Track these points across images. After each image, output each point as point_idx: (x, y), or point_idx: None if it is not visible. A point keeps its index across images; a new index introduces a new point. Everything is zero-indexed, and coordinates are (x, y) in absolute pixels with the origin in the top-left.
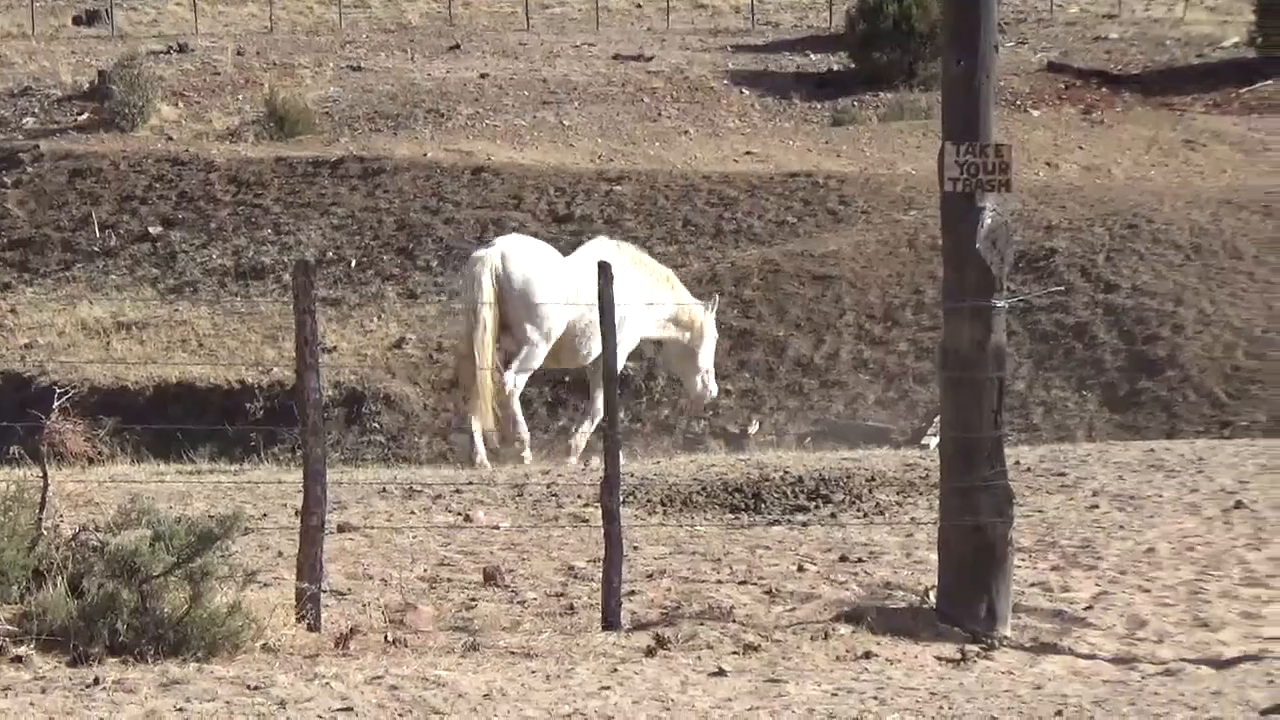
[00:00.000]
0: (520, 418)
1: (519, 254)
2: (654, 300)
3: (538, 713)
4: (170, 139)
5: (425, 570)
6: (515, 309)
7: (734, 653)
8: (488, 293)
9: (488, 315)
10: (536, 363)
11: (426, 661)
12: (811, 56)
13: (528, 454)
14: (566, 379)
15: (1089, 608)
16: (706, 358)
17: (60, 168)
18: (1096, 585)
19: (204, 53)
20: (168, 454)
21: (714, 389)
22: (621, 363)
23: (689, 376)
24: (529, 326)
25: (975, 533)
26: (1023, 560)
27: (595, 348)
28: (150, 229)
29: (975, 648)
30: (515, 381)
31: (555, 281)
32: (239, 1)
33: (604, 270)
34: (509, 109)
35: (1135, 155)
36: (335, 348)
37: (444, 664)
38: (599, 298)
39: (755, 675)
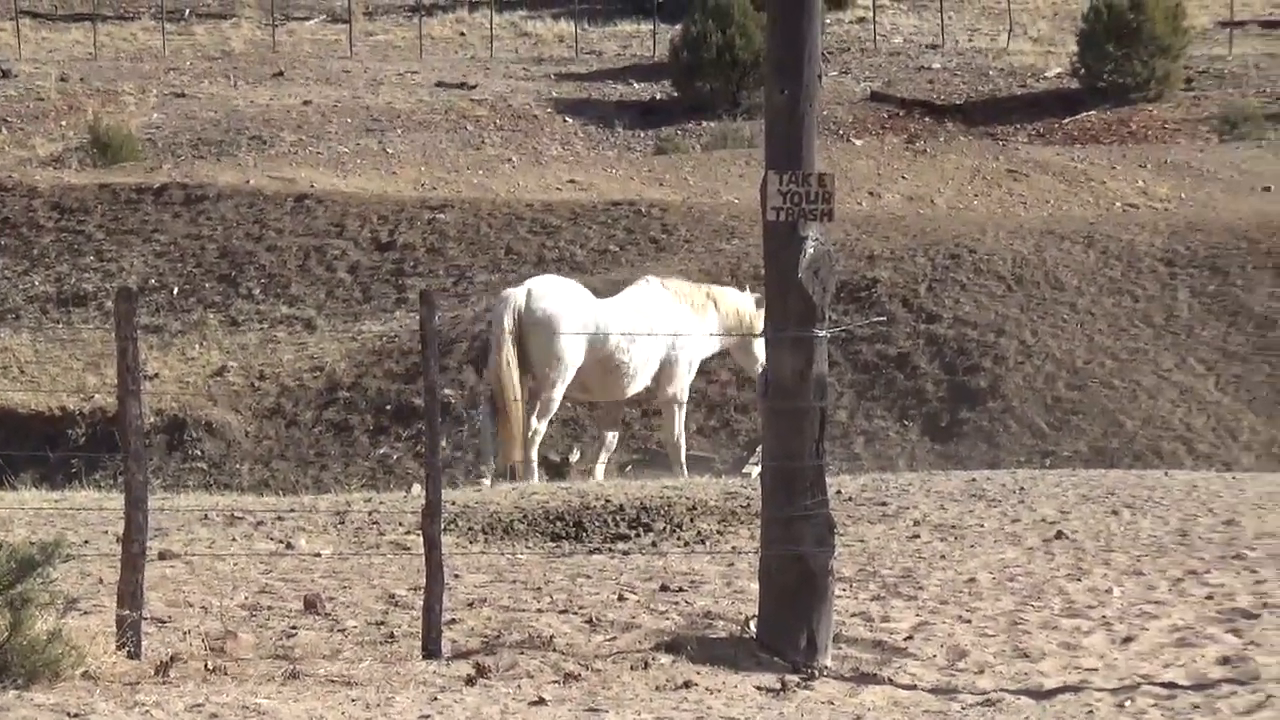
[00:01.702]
0: (534, 465)
1: (544, 293)
2: (700, 327)
3: None
4: None
5: (246, 598)
6: (534, 348)
7: (554, 682)
8: (509, 330)
9: (510, 352)
10: (554, 406)
11: (246, 690)
12: (635, 85)
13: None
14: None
15: (910, 638)
16: (762, 347)
17: None
18: (917, 615)
19: (27, 78)
20: None
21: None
22: (687, 392)
23: (751, 366)
24: (546, 369)
25: (796, 562)
26: (844, 590)
27: (639, 382)
28: None
29: (795, 678)
30: (536, 427)
31: (578, 321)
32: (63, 27)
33: (425, 298)
34: (332, 136)
35: (958, 185)
36: (157, 375)
37: (264, 692)
38: (420, 327)
39: (575, 705)
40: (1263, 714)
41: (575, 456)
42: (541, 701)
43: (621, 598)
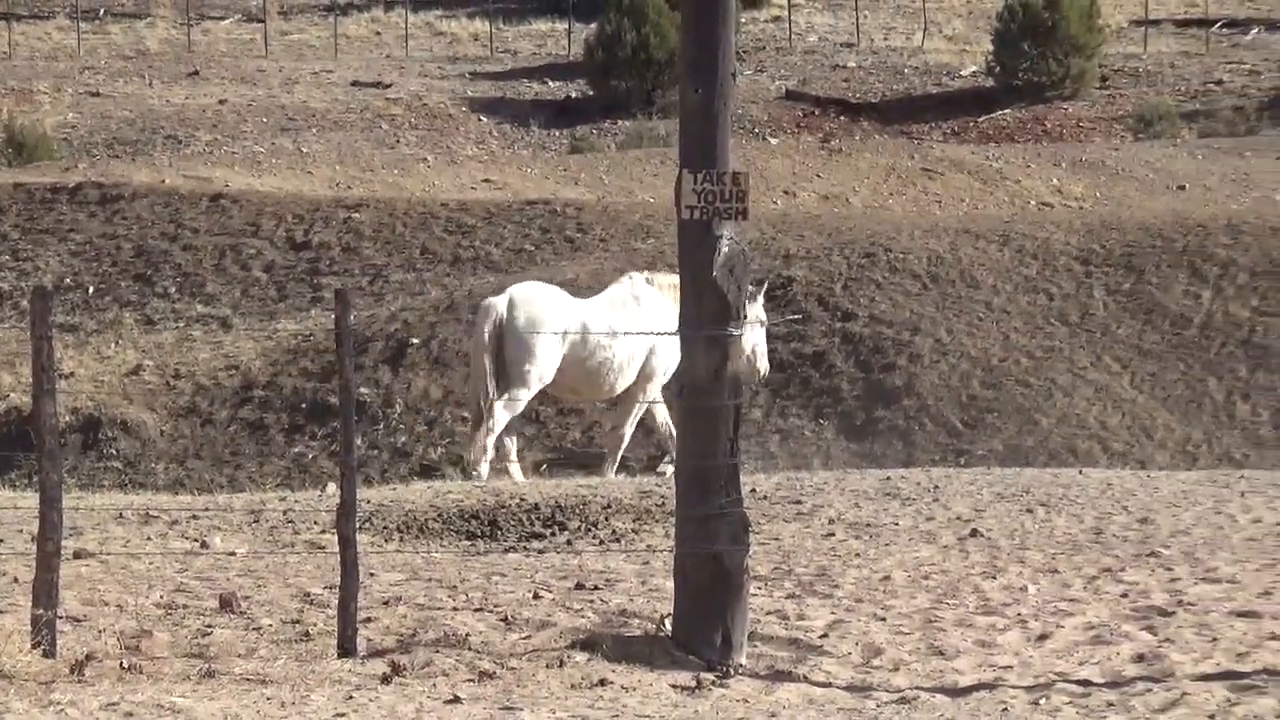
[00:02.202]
0: (488, 452)
1: (524, 300)
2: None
3: None
4: None
5: (161, 597)
6: (512, 351)
7: (469, 680)
8: (488, 340)
9: (486, 363)
10: (523, 401)
11: (162, 688)
12: (550, 84)
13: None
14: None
15: (825, 636)
16: (749, 341)
17: None
18: (832, 613)
19: None
20: None
21: (765, 369)
22: (658, 388)
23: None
24: (521, 368)
25: (711, 561)
26: (759, 588)
27: (623, 380)
28: None
29: (711, 676)
30: (499, 415)
31: (559, 324)
32: None
33: (340, 297)
34: (248, 136)
35: (873, 184)
36: (72, 374)
37: (179, 691)
38: (335, 326)
39: (490, 703)
40: (1177, 711)
41: (491, 455)
42: (457, 700)
43: (537, 596)
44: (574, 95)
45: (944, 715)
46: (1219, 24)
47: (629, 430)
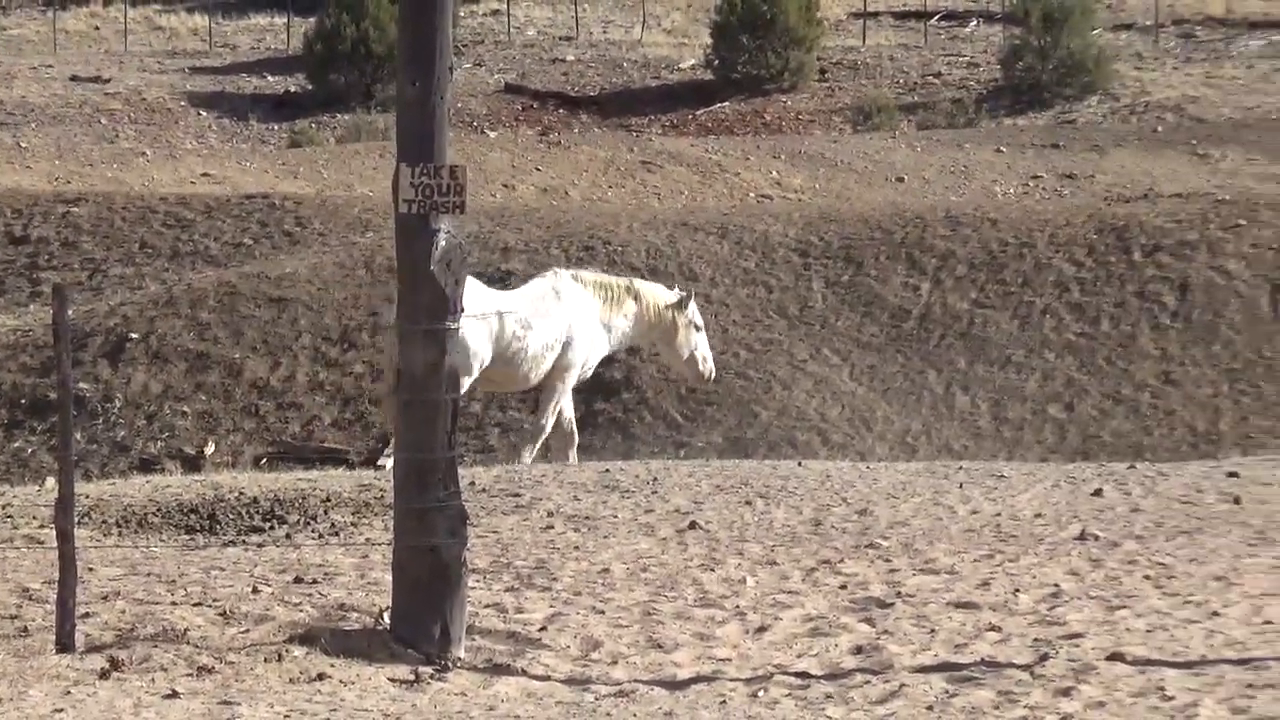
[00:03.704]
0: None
1: None
2: (613, 319)
3: None
4: None
5: None
6: None
7: (188, 675)
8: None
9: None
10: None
11: None
12: (269, 79)
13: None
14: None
15: (543, 629)
16: (686, 345)
17: None
18: (551, 606)
19: None
20: None
21: (709, 371)
22: (574, 379)
23: (672, 362)
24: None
25: (429, 554)
26: (478, 582)
27: (540, 370)
28: None
29: (429, 669)
30: None
31: (476, 312)
32: None
33: (57, 292)
34: None
35: (592, 177)
36: None
37: None
38: (53, 321)
39: (209, 697)
40: (895, 703)
41: (210, 449)
42: (175, 694)
43: (255, 590)
44: (293, 89)
45: (662, 708)
46: (937, 16)
47: (549, 421)
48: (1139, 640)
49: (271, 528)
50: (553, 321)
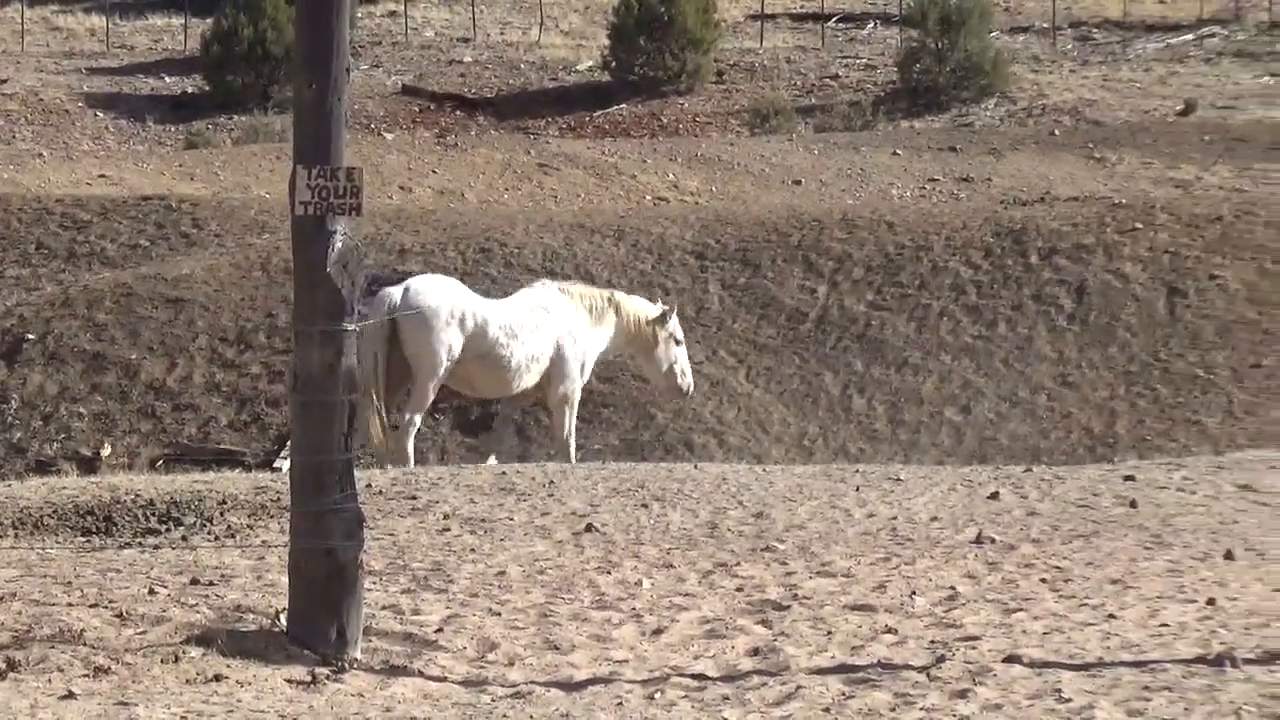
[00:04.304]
0: (409, 454)
1: (420, 290)
2: (599, 331)
3: None
4: None
5: None
6: (408, 342)
7: (85, 675)
8: (378, 334)
9: (378, 353)
10: (428, 400)
11: None
12: (166, 79)
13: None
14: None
15: (440, 630)
16: (666, 358)
17: None
18: (448, 608)
19: None
20: None
21: (688, 384)
22: (579, 392)
23: (653, 377)
24: (420, 361)
25: (326, 556)
26: (374, 583)
27: (528, 379)
28: None
29: (326, 670)
30: (411, 418)
31: (455, 316)
32: None
33: None
34: None
35: (489, 179)
36: None
37: None
38: None
39: (105, 698)
40: (792, 705)
41: (106, 451)
42: (71, 695)
43: (152, 592)
44: (190, 90)
45: (559, 709)
46: (835, 19)
47: (570, 430)
48: (1035, 643)
49: (168, 530)
50: (540, 336)
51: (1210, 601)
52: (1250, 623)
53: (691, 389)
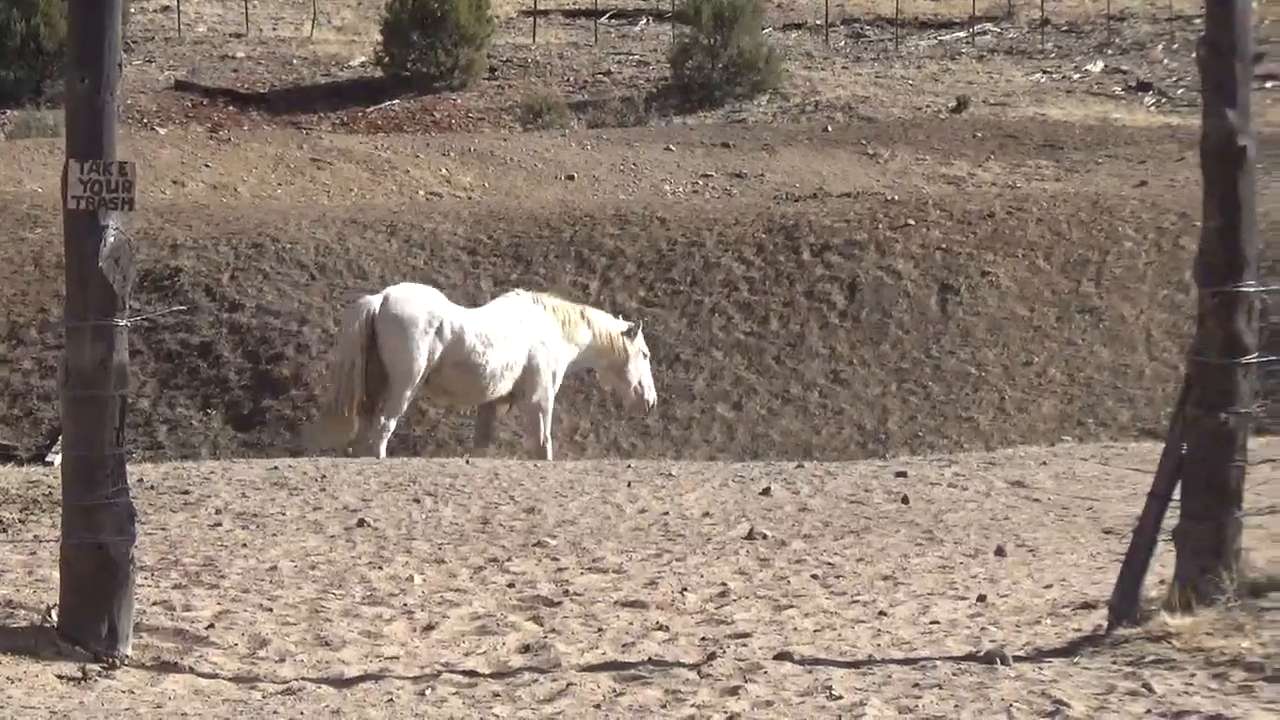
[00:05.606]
0: (381, 457)
1: (399, 298)
2: (570, 341)
3: None
4: None
5: None
6: (386, 349)
7: None
8: (359, 336)
9: (358, 358)
10: (404, 405)
11: None
12: None
13: None
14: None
15: (211, 626)
16: (635, 374)
17: None
18: (219, 604)
19: None
20: None
21: (653, 399)
22: (551, 399)
23: (621, 391)
24: (397, 368)
25: (97, 551)
26: (146, 579)
27: (503, 385)
28: None
29: (97, 667)
30: (385, 424)
31: (434, 326)
32: None
33: None
34: None
35: (262, 174)
36: None
37: None
38: None
39: None
40: (563, 701)
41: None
42: None
43: None
44: None
45: (330, 706)
46: (607, 15)
47: (546, 436)
48: (806, 639)
49: None
50: (514, 344)
51: (981, 598)
52: (1021, 620)
53: (655, 403)
